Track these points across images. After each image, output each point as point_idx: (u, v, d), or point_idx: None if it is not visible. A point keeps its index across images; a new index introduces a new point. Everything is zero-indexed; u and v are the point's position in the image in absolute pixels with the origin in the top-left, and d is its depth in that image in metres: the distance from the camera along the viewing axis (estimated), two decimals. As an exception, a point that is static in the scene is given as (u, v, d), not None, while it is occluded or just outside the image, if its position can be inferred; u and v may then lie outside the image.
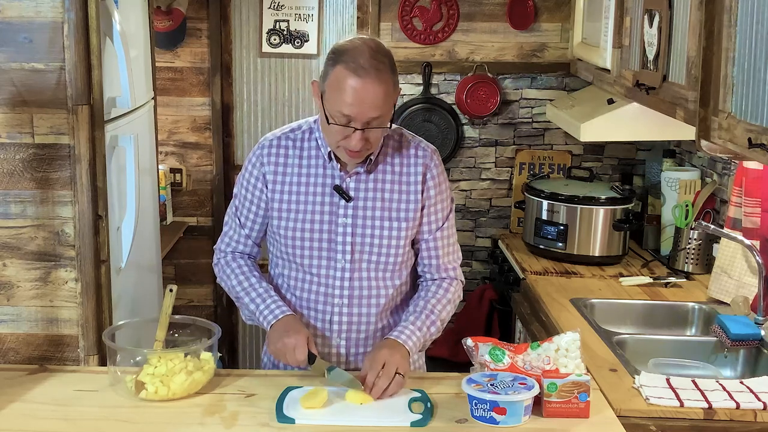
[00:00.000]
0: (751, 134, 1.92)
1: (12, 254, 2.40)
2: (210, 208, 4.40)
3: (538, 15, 3.97)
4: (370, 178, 2.18)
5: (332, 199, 2.17)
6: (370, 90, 2.00)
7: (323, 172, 2.18)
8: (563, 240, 3.45)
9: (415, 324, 2.16)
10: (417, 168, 2.20)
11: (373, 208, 2.17)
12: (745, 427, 2.13)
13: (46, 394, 2.08)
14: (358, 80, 1.99)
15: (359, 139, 2.04)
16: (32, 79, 2.32)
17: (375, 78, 2.00)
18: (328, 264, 2.19)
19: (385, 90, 2.02)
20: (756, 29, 1.94)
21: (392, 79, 2.05)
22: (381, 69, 2.01)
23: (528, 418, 1.94)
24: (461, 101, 3.98)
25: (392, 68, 2.06)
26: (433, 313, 2.20)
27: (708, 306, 2.92)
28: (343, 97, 2.01)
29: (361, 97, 2.00)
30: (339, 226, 2.17)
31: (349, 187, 2.17)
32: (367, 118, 2.02)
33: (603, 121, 3.15)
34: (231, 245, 2.30)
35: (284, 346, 2.10)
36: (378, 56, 2.02)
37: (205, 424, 1.94)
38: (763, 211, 2.78)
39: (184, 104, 4.30)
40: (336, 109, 2.02)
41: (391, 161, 2.20)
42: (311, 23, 4.27)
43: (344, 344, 2.23)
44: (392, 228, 2.18)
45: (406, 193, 2.19)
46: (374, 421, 1.94)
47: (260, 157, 2.21)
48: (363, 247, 2.18)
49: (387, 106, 2.05)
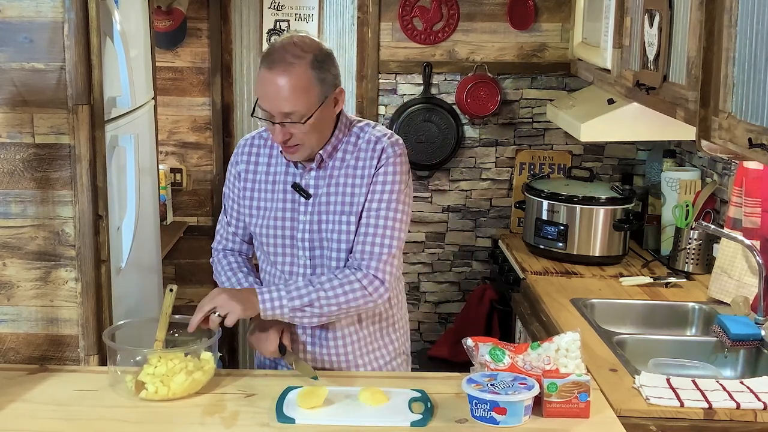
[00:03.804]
0: (752, 134, 1.92)
1: (12, 254, 2.40)
2: (210, 208, 4.40)
3: (539, 15, 3.97)
4: (327, 175, 2.17)
5: (294, 197, 2.19)
6: (277, 84, 2.01)
7: (285, 170, 2.21)
8: (563, 240, 3.44)
9: (288, 287, 2.09)
10: (372, 161, 2.16)
11: (331, 203, 2.17)
12: (745, 427, 2.13)
13: (46, 394, 2.08)
14: (269, 73, 2.02)
15: (278, 133, 2.06)
16: (32, 79, 2.32)
17: (284, 71, 2.00)
18: (291, 261, 2.22)
19: (294, 84, 2.00)
20: (756, 29, 1.94)
21: (309, 74, 2.02)
22: (294, 62, 2.00)
23: (528, 418, 1.94)
24: (461, 101, 3.98)
25: (314, 63, 2.02)
26: (314, 286, 2.09)
27: (708, 306, 2.91)
28: (260, 91, 2.06)
29: (272, 90, 2.02)
30: (300, 223, 2.19)
31: (309, 185, 2.18)
32: (280, 112, 2.03)
33: (603, 121, 3.14)
34: (222, 243, 2.36)
35: (257, 339, 2.18)
36: (295, 50, 2.02)
37: (205, 424, 1.94)
38: (763, 211, 2.78)
39: (185, 104, 4.29)
40: (259, 103, 2.07)
41: (350, 156, 2.18)
42: (311, 23, 4.26)
43: (310, 340, 2.25)
44: (350, 222, 2.16)
45: (359, 186, 2.15)
46: (374, 421, 1.94)
47: (236, 155, 2.27)
48: (321, 242, 2.19)
49: (303, 101, 2.02)
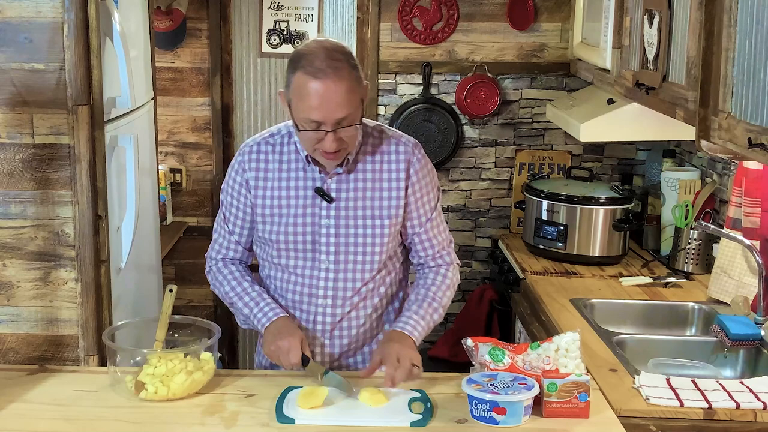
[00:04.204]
0: (751, 134, 1.92)
1: (12, 254, 2.40)
2: (210, 208, 4.40)
3: (538, 15, 3.97)
4: (350, 178, 2.18)
5: (314, 201, 2.18)
6: (332, 90, 1.99)
7: (303, 175, 2.19)
8: (563, 240, 3.44)
9: (418, 313, 2.18)
10: (399, 164, 2.19)
11: (354, 207, 2.17)
12: (745, 427, 2.13)
13: (46, 394, 2.08)
14: (318, 83, 1.99)
15: (332, 141, 2.03)
16: (32, 79, 2.32)
17: (334, 77, 1.99)
18: (312, 265, 2.20)
19: (347, 87, 2.01)
20: (756, 29, 1.94)
21: (352, 75, 2.03)
22: (339, 67, 2.00)
23: (528, 418, 1.94)
24: (461, 101, 3.98)
25: (352, 65, 2.04)
26: (435, 300, 2.22)
27: (708, 306, 2.91)
28: (307, 103, 2.01)
29: (324, 99, 1.99)
30: (322, 227, 2.17)
31: (331, 188, 2.17)
32: (335, 119, 2.01)
33: (603, 121, 3.14)
34: (222, 252, 2.31)
35: (278, 348, 2.11)
36: (334, 55, 2.01)
37: (205, 424, 1.94)
38: (763, 211, 2.78)
39: (184, 104, 4.30)
40: (303, 115, 2.02)
41: (372, 159, 2.19)
42: (311, 23, 4.27)
43: (329, 343, 2.24)
44: (375, 226, 2.18)
45: (388, 190, 2.19)
46: (374, 421, 1.94)
47: (242, 163, 2.22)
48: (347, 247, 2.18)
49: (353, 104, 2.03)
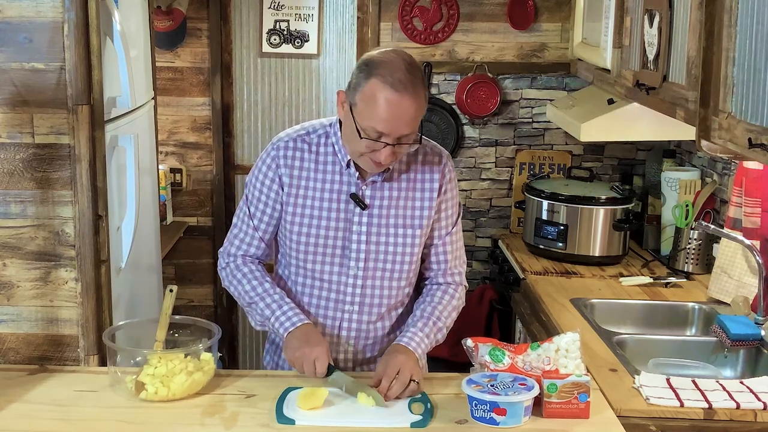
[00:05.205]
0: (751, 134, 1.92)
1: (12, 254, 2.39)
2: (210, 208, 4.40)
3: (538, 15, 3.97)
4: (385, 186, 2.15)
5: (347, 207, 2.15)
6: (406, 106, 1.95)
7: (339, 179, 2.14)
8: (563, 240, 3.44)
9: (423, 331, 2.16)
10: (434, 174, 2.17)
11: (387, 216, 2.15)
12: (745, 427, 2.13)
13: (46, 395, 2.08)
14: (396, 95, 1.94)
15: (389, 154, 1.99)
16: (32, 79, 2.32)
17: (412, 93, 1.95)
18: (340, 271, 2.17)
19: (420, 106, 1.98)
20: (756, 29, 1.94)
21: (424, 93, 2.00)
22: (417, 84, 1.97)
23: (528, 419, 1.94)
24: (461, 101, 3.98)
25: (424, 83, 2.01)
26: (440, 320, 2.20)
27: (708, 306, 2.91)
28: (377, 111, 1.95)
29: (396, 113, 1.95)
30: (353, 233, 2.15)
31: (365, 195, 2.14)
32: (400, 134, 1.98)
33: (603, 121, 3.14)
34: (242, 248, 2.24)
35: (304, 355, 2.06)
36: (413, 71, 1.97)
37: (205, 424, 1.94)
38: (763, 211, 2.78)
39: (184, 104, 4.30)
40: (369, 123, 1.97)
41: (407, 168, 2.16)
42: (311, 23, 4.27)
43: (352, 350, 2.24)
44: (406, 235, 2.16)
45: (421, 200, 2.17)
46: (374, 422, 1.94)
47: (276, 158, 2.16)
48: (378, 255, 2.16)
49: (418, 122, 2.01)
